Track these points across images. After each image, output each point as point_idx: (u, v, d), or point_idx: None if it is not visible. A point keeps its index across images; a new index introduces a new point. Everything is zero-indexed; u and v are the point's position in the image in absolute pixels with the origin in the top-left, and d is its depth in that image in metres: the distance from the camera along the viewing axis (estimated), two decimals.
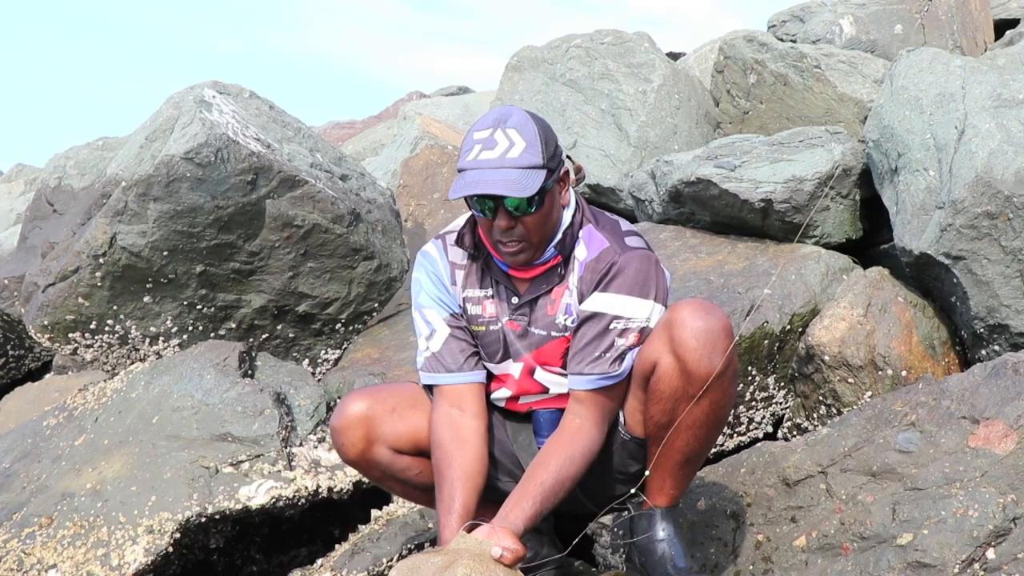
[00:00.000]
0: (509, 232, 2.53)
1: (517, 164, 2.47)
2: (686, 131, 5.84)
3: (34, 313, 4.80)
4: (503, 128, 2.50)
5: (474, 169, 2.48)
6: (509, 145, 2.48)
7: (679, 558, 2.65)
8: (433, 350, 2.74)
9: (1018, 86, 4.02)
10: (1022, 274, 3.72)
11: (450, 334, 2.73)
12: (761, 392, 3.97)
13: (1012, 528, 2.62)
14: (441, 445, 2.65)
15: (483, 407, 2.73)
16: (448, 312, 2.75)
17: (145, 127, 4.82)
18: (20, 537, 3.59)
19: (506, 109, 2.58)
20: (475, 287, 2.73)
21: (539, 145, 2.50)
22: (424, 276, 2.77)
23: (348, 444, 2.78)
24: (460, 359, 2.72)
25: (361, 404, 2.78)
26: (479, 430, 2.68)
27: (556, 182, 2.57)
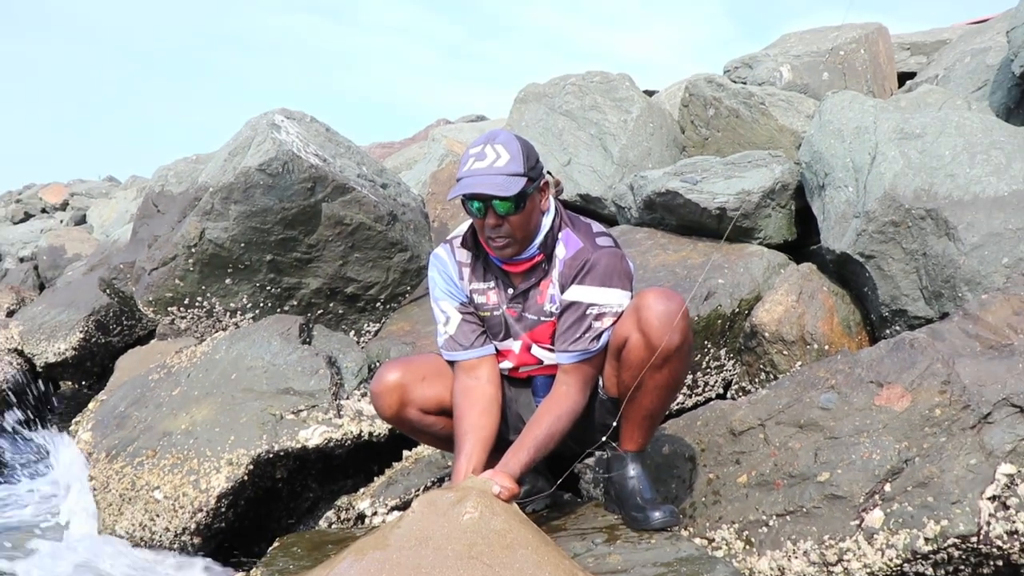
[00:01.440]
0: (497, 229, 2.54)
1: (502, 171, 2.48)
2: (658, 153, 5.82)
3: (142, 291, 4.82)
4: (492, 144, 2.52)
5: (468, 176, 2.50)
6: (496, 157, 2.49)
7: (646, 491, 2.66)
8: (450, 333, 2.75)
9: (916, 123, 4.02)
10: (918, 271, 3.72)
11: (462, 319, 2.74)
12: (714, 361, 3.98)
13: (904, 468, 2.64)
14: (459, 407, 2.67)
15: (495, 374, 2.74)
16: (458, 302, 2.76)
17: (228, 145, 4.82)
18: (132, 464, 3.63)
19: (495, 130, 2.60)
20: (479, 281, 2.73)
21: (521, 158, 2.51)
22: (437, 274, 2.78)
23: (385, 406, 2.79)
24: (472, 338, 2.73)
25: (396, 373, 2.78)
26: (490, 393, 2.70)
27: (537, 190, 2.57)
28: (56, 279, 10.72)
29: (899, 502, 2.58)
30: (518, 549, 2.10)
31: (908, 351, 2.91)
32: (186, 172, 6.10)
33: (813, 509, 2.67)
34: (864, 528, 2.58)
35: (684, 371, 2.62)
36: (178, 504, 3.44)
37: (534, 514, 2.87)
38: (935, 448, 2.65)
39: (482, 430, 2.62)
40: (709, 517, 2.84)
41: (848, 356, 3.06)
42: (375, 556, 2.13)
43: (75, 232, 13.04)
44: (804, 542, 2.63)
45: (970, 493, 2.54)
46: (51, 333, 7.71)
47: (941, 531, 2.50)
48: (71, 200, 17.84)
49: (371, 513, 3.36)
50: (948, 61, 5.88)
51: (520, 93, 6.55)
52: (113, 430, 3.90)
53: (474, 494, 2.25)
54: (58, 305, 8.16)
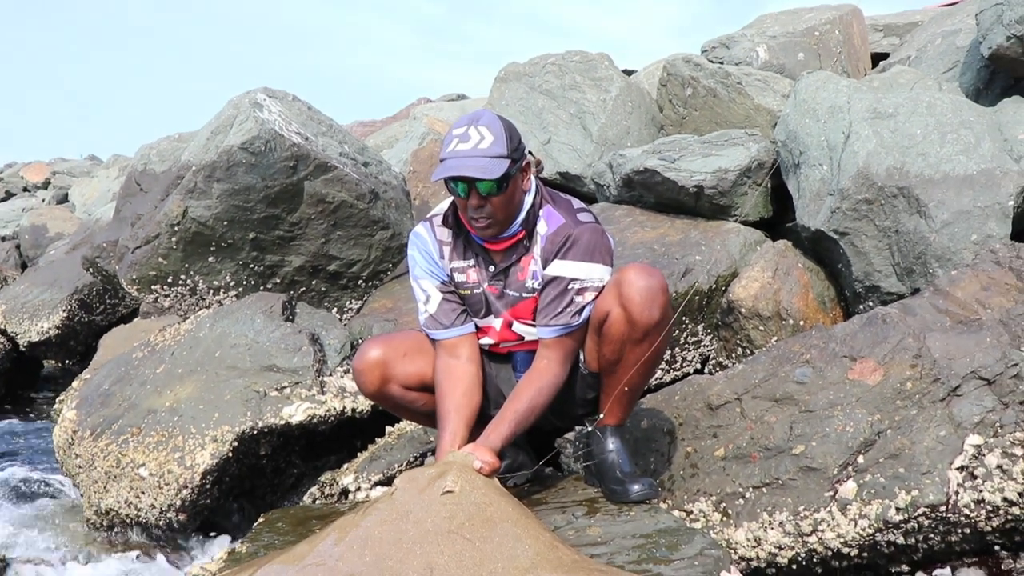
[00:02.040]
0: (480, 210, 2.53)
1: (486, 153, 2.46)
2: (637, 131, 5.81)
3: (125, 270, 4.78)
4: (475, 125, 2.50)
5: (452, 158, 2.48)
6: (480, 138, 2.47)
7: (624, 464, 2.66)
8: (430, 312, 2.74)
9: (889, 103, 4.03)
10: (890, 247, 3.74)
11: (442, 298, 2.73)
12: (692, 337, 3.99)
13: (876, 440, 2.67)
14: (440, 386, 2.67)
15: (475, 352, 2.73)
16: (439, 280, 2.74)
17: (211, 123, 4.78)
18: (117, 442, 3.62)
19: (479, 111, 2.58)
20: (459, 259, 2.72)
21: (504, 139, 2.49)
22: (417, 253, 2.76)
23: (367, 382, 2.78)
24: (452, 317, 2.72)
25: (378, 350, 2.77)
26: (470, 371, 2.69)
27: (519, 171, 2.55)
28: (38, 258, 10.61)
29: (871, 473, 2.62)
30: (498, 523, 2.11)
31: (880, 326, 2.94)
32: (169, 151, 6.03)
33: (788, 481, 2.70)
34: (838, 499, 2.61)
35: (664, 346, 2.63)
36: (163, 481, 3.44)
37: (515, 488, 2.87)
38: (906, 420, 2.69)
39: (465, 409, 2.62)
40: (687, 490, 2.86)
41: (822, 331, 3.08)
42: (357, 532, 2.13)
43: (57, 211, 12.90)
44: (780, 513, 2.66)
45: (939, 464, 2.58)
46: (34, 312, 7.64)
47: (912, 501, 2.54)
48: (53, 179, 17.65)
49: (354, 488, 3.37)
50: (920, 42, 5.89)
51: (501, 72, 6.51)
52: (97, 408, 3.88)
53: (454, 468, 2.25)
54: (41, 284, 8.09)
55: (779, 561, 2.64)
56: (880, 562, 2.65)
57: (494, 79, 6.55)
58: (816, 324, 3.76)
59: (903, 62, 5.73)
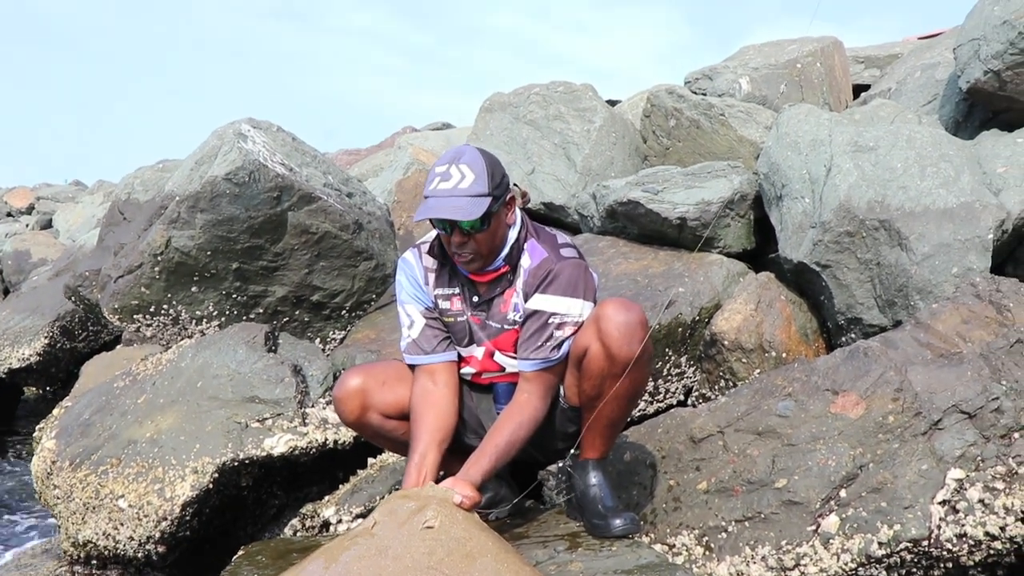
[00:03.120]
0: (463, 246, 2.54)
1: (466, 193, 2.47)
2: (620, 162, 5.84)
3: (107, 298, 4.75)
4: (457, 164, 2.50)
5: (433, 197, 2.49)
6: (460, 178, 2.48)
7: (607, 499, 2.65)
8: (413, 337, 2.74)
9: (870, 136, 4.07)
10: (871, 279, 3.76)
11: (426, 324, 2.73)
12: (675, 369, 3.99)
13: (859, 473, 2.67)
14: (415, 409, 2.66)
15: (453, 380, 2.73)
16: (423, 306, 2.74)
17: (195, 154, 4.77)
18: (96, 473, 3.57)
19: (461, 148, 2.58)
20: (444, 287, 2.72)
21: (486, 177, 2.50)
22: (404, 278, 2.76)
23: (347, 411, 2.77)
24: (434, 343, 2.72)
25: (357, 379, 2.77)
26: (448, 398, 2.68)
27: (502, 206, 2.56)
28: (21, 284, 10.54)
29: (854, 507, 2.61)
30: (478, 557, 2.09)
31: (862, 359, 2.94)
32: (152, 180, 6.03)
33: (771, 515, 2.69)
34: (820, 533, 2.61)
35: (644, 380, 2.63)
36: (142, 513, 3.39)
37: (496, 521, 2.85)
38: (888, 454, 2.69)
39: (438, 432, 2.61)
40: (670, 523, 2.85)
41: (805, 364, 3.09)
42: (336, 568, 2.11)
43: (41, 236, 12.84)
44: (762, 547, 2.65)
45: (922, 498, 2.58)
46: (16, 338, 7.57)
47: (894, 535, 2.53)
48: (37, 204, 17.58)
49: (336, 521, 3.34)
50: (900, 75, 5.96)
51: (485, 102, 6.54)
52: (77, 438, 3.83)
53: (434, 502, 2.24)
54: (23, 310, 8.02)
55: None
56: None
57: (479, 109, 6.58)
58: (798, 356, 3.77)
59: (883, 94, 5.80)
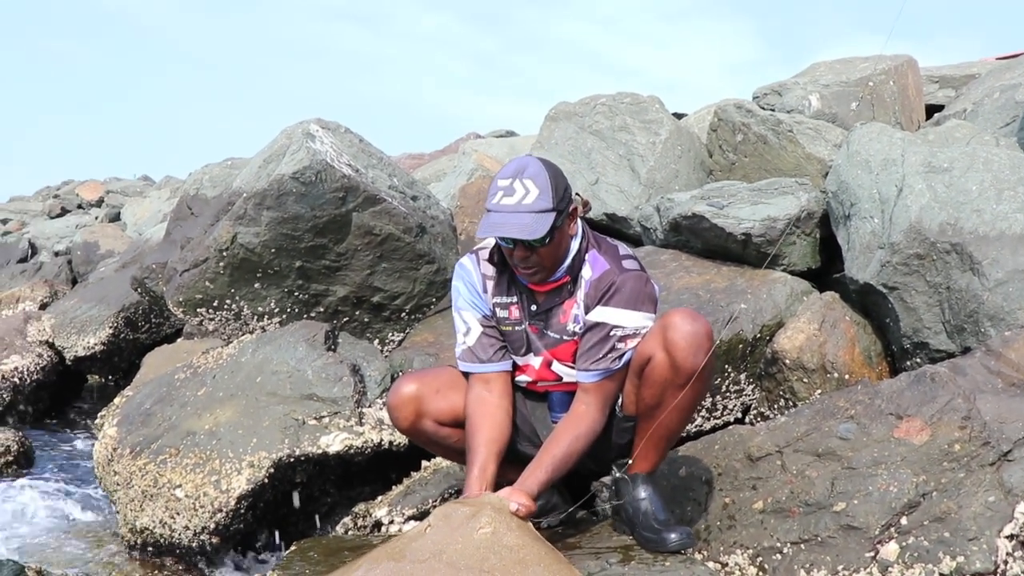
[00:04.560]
0: (526, 260, 2.53)
1: (531, 209, 2.46)
2: (685, 176, 5.81)
3: (172, 291, 4.85)
4: (521, 178, 2.49)
5: (497, 212, 2.48)
6: (525, 193, 2.47)
7: (659, 512, 2.64)
8: (469, 344, 2.74)
9: (944, 157, 3.99)
10: (940, 304, 3.68)
11: (482, 332, 2.73)
12: (734, 386, 3.95)
13: (921, 501, 2.60)
14: (471, 419, 2.66)
15: (508, 390, 2.73)
16: (480, 314, 2.75)
17: (263, 152, 4.85)
18: (155, 462, 3.64)
19: (524, 160, 2.56)
20: (503, 295, 2.72)
21: (550, 192, 2.48)
22: (461, 284, 2.77)
23: (401, 418, 2.79)
24: (490, 352, 2.72)
25: (412, 386, 2.78)
26: (503, 407, 2.69)
27: (565, 219, 2.55)
28: (89, 274, 10.83)
29: (915, 536, 2.55)
30: (530, 566, 2.09)
31: (929, 384, 2.87)
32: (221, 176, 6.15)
33: (828, 539, 2.64)
34: (879, 560, 2.55)
35: (704, 394, 2.61)
36: (198, 503, 3.45)
37: (548, 530, 2.85)
38: (953, 483, 2.62)
39: (494, 443, 2.61)
40: (724, 542, 2.81)
41: (868, 387, 3.03)
42: (388, 566, 2.12)
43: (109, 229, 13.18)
44: (818, 571, 2.60)
45: (988, 530, 2.50)
46: (82, 327, 7.78)
47: (957, 567, 2.46)
48: (107, 197, 18.06)
49: (388, 521, 3.36)
50: (977, 96, 5.83)
51: (551, 111, 6.56)
52: (138, 427, 3.92)
53: (489, 509, 2.24)
54: (89, 300, 8.24)
55: None
56: None
57: (544, 117, 6.59)
58: (861, 379, 3.69)
59: (958, 115, 5.68)
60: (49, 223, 16.59)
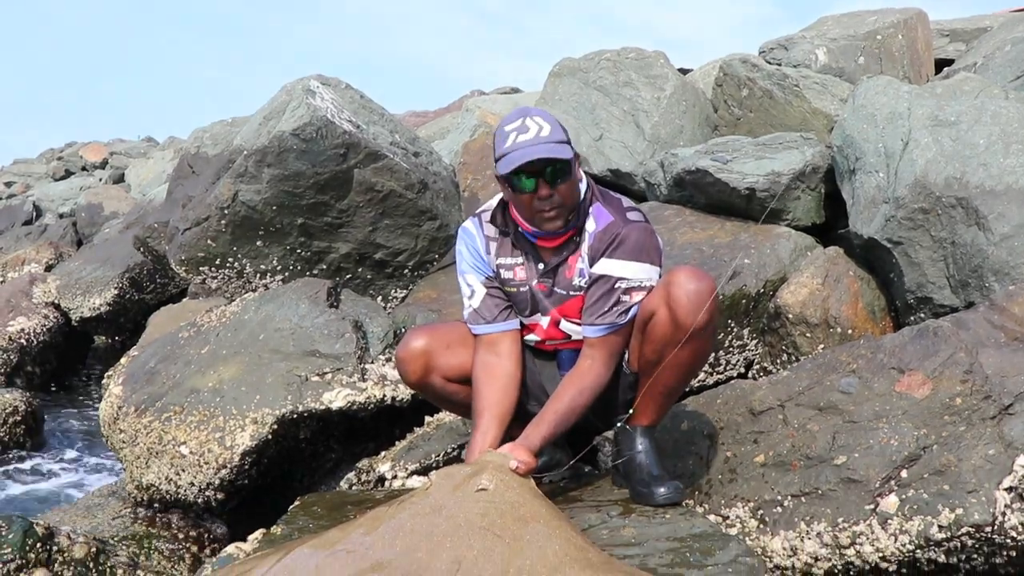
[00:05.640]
0: (548, 200, 2.49)
1: (550, 140, 2.45)
2: (690, 131, 5.77)
3: (175, 250, 4.86)
4: (530, 117, 2.49)
5: (516, 149, 2.45)
6: (539, 128, 2.46)
7: (653, 467, 2.64)
8: (474, 306, 2.74)
9: (951, 110, 3.95)
10: (945, 259, 3.67)
11: (487, 293, 2.72)
12: (737, 341, 3.95)
13: (922, 455, 2.61)
14: (478, 380, 2.67)
15: (515, 350, 2.72)
16: (484, 276, 2.74)
17: (263, 109, 4.83)
18: (160, 420, 3.67)
19: (525, 107, 2.56)
20: (507, 256, 2.71)
21: (560, 128, 2.49)
22: (464, 248, 2.76)
23: (410, 372, 2.79)
24: (495, 312, 2.72)
25: (422, 340, 2.78)
26: (509, 370, 2.68)
27: (574, 161, 2.55)
28: (93, 236, 10.86)
29: (915, 488, 2.56)
30: (530, 522, 2.11)
31: (932, 339, 2.87)
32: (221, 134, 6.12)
33: (828, 492, 2.65)
34: (878, 513, 2.56)
35: (706, 351, 2.60)
36: (203, 460, 3.48)
37: (550, 484, 2.87)
38: (954, 437, 2.63)
39: (499, 406, 2.62)
40: (724, 495, 2.83)
41: (871, 341, 3.02)
42: (389, 523, 2.14)
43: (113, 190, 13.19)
44: (818, 524, 2.62)
45: (987, 483, 2.51)
46: (87, 288, 7.81)
47: (956, 519, 2.48)
48: (110, 159, 18.04)
49: (391, 476, 3.39)
50: (988, 49, 5.76)
51: (555, 67, 6.49)
52: (143, 385, 3.95)
53: (490, 467, 2.26)
54: (94, 261, 8.27)
55: (815, 572, 2.60)
56: None
57: (548, 73, 6.54)
58: (865, 334, 3.70)
59: (968, 69, 5.61)
60: (53, 185, 16.60)
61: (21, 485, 5.29)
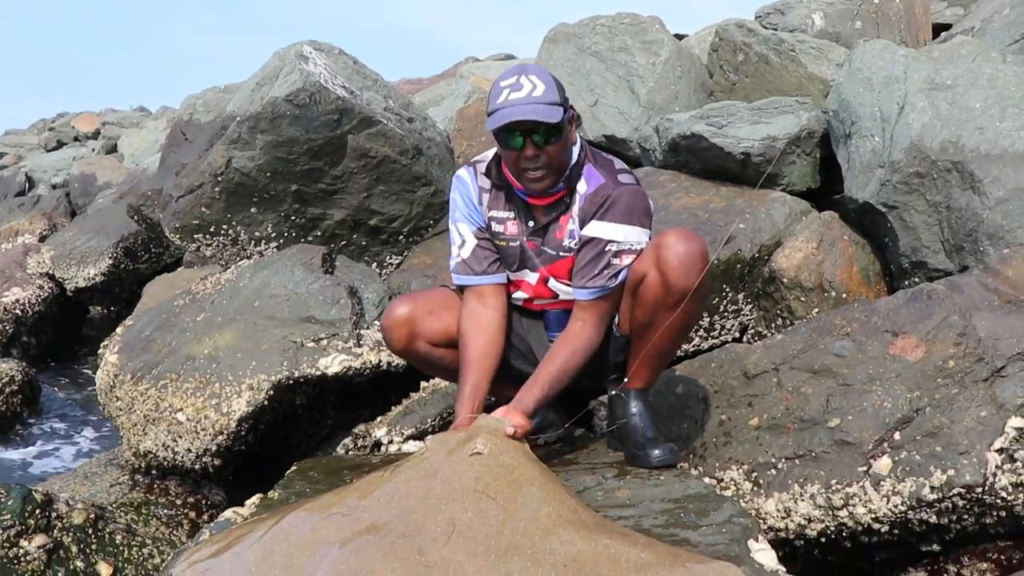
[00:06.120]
0: (535, 160, 2.49)
1: (542, 100, 2.44)
2: (685, 97, 5.74)
3: (168, 218, 4.84)
4: (525, 75, 2.47)
5: (507, 107, 2.44)
6: (532, 87, 2.45)
7: (647, 429, 2.65)
8: (463, 257, 2.74)
9: (947, 74, 3.93)
10: (940, 223, 3.67)
11: (477, 244, 2.73)
12: (732, 305, 3.96)
13: (914, 417, 2.63)
14: (465, 332, 2.68)
15: (502, 302, 2.73)
16: (476, 226, 2.74)
17: (256, 75, 4.81)
18: (156, 387, 3.67)
19: (524, 64, 2.55)
20: (499, 210, 2.71)
21: (555, 88, 2.48)
22: (458, 196, 2.76)
23: (395, 339, 2.80)
24: (484, 264, 2.72)
25: (405, 308, 2.79)
26: (496, 321, 2.70)
27: (568, 121, 2.53)
28: (87, 206, 10.81)
29: (907, 450, 2.58)
30: (524, 485, 2.12)
31: (925, 302, 2.88)
32: (214, 101, 6.09)
33: (822, 454, 2.67)
34: (871, 474, 2.58)
35: (698, 314, 2.61)
36: (200, 426, 3.49)
37: (545, 447, 2.89)
38: (946, 399, 2.64)
39: (487, 359, 2.63)
40: (719, 458, 2.85)
41: (865, 305, 3.03)
42: (385, 487, 2.15)
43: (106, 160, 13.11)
44: (811, 485, 2.64)
45: (978, 444, 2.53)
46: (81, 259, 7.79)
47: (947, 480, 2.50)
48: (103, 129, 17.94)
49: (387, 441, 3.40)
50: (986, 13, 5.72)
51: (550, 32, 6.45)
52: (139, 353, 3.94)
53: (485, 432, 2.27)
54: (88, 231, 8.24)
55: (808, 533, 2.63)
56: (911, 540, 2.62)
57: (543, 39, 6.49)
58: (859, 298, 3.70)
59: (966, 33, 5.58)
60: (45, 156, 16.50)
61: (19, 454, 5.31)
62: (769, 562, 2.01)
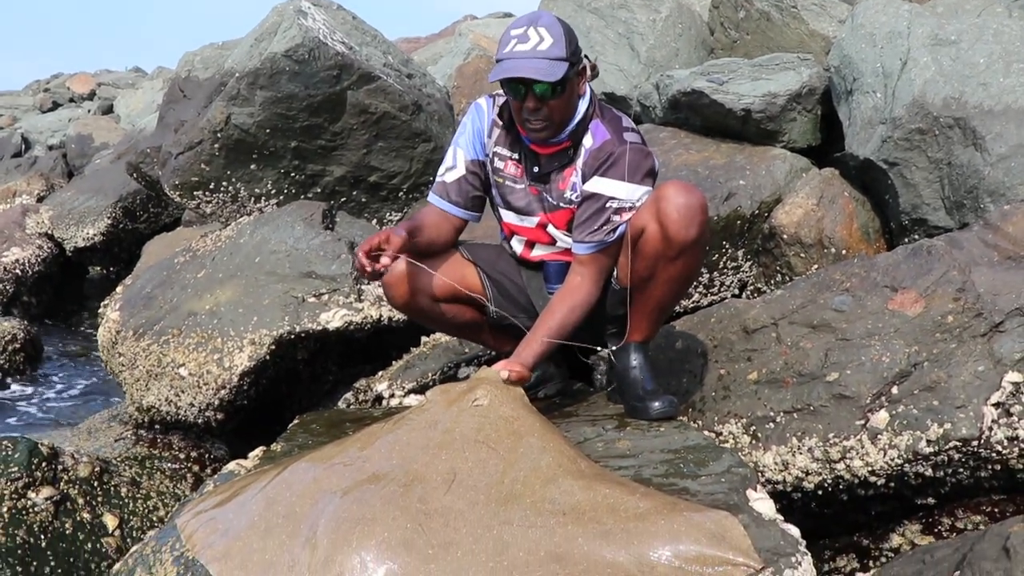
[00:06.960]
0: (536, 112, 2.48)
1: (546, 55, 2.41)
2: (686, 54, 5.70)
3: (168, 175, 4.83)
4: (535, 26, 2.44)
5: (510, 59, 2.42)
6: (539, 40, 2.42)
7: (647, 382, 2.66)
8: (446, 180, 2.75)
9: (952, 29, 3.90)
10: (941, 180, 3.66)
11: (464, 175, 2.73)
12: (731, 262, 3.96)
13: (912, 371, 2.64)
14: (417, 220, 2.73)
15: (454, 238, 2.81)
16: (472, 158, 2.74)
17: (255, 31, 4.76)
18: (159, 342, 3.69)
19: (538, 12, 2.51)
20: (504, 148, 2.70)
21: (564, 42, 2.44)
22: (469, 122, 2.75)
23: (396, 295, 2.78)
24: (462, 197, 2.75)
25: (404, 263, 2.78)
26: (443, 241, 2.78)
27: (576, 75, 2.51)
28: (84, 167, 10.77)
29: (905, 404, 2.60)
30: (524, 436, 2.14)
31: (925, 257, 2.88)
32: (212, 58, 6.03)
33: (820, 408, 2.69)
34: (868, 428, 2.60)
35: (698, 266, 2.60)
36: (202, 381, 3.51)
37: (546, 400, 2.90)
38: (944, 354, 2.65)
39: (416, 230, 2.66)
40: (718, 411, 2.86)
41: (864, 260, 3.03)
42: (386, 438, 2.17)
43: (102, 121, 13.04)
44: (809, 439, 2.66)
45: (975, 399, 2.55)
46: (80, 218, 7.79)
47: (944, 434, 2.51)
48: (98, 90, 17.82)
49: (388, 395, 3.42)
50: None
51: None
52: (140, 310, 3.96)
53: (485, 383, 2.28)
54: (86, 191, 8.22)
55: (805, 486, 2.65)
56: (906, 493, 2.65)
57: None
58: (858, 254, 3.71)
59: None
60: (41, 117, 16.40)
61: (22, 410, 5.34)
62: (767, 511, 2.03)
